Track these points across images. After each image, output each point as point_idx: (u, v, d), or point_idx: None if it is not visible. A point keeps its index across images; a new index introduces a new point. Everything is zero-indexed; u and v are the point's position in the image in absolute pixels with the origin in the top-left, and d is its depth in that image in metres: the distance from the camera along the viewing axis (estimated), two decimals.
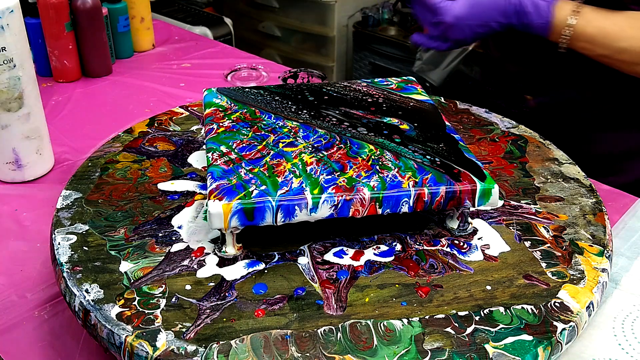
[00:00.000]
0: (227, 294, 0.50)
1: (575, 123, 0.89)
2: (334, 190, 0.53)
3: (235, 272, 0.53)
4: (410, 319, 0.48)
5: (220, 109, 0.67)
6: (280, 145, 0.60)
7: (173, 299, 0.49)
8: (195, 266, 0.53)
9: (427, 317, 0.48)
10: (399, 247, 0.56)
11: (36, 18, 1.02)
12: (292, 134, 0.62)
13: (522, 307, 0.49)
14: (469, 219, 0.58)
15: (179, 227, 0.58)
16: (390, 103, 0.69)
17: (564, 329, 0.47)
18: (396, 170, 0.56)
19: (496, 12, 0.79)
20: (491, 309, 0.49)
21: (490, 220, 0.59)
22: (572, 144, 0.77)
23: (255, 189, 0.53)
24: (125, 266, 0.53)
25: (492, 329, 0.47)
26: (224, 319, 0.48)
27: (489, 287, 0.51)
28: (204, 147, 0.70)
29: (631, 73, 0.79)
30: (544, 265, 0.54)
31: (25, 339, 0.56)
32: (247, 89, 0.72)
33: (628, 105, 0.86)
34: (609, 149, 0.88)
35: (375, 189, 0.53)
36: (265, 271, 0.53)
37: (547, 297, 0.50)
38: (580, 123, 0.89)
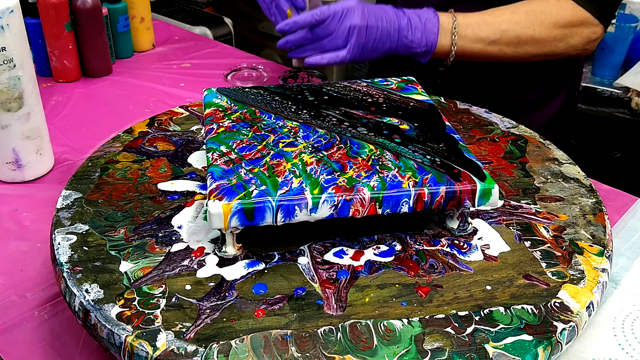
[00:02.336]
0: (227, 294, 0.50)
1: (483, 86, 0.98)
2: (334, 190, 0.53)
3: (235, 272, 0.53)
4: (410, 319, 0.48)
5: (220, 109, 0.67)
6: (280, 145, 0.60)
7: (173, 299, 0.49)
8: (195, 266, 0.53)
9: (427, 317, 0.48)
10: (399, 247, 0.56)
11: (36, 18, 1.02)
12: (292, 134, 0.62)
13: (522, 307, 0.49)
14: (469, 219, 0.58)
15: (179, 227, 0.58)
16: (390, 103, 0.69)
17: (564, 329, 0.47)
18: (396, 170, 0.56)
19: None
20: (491, 309, 0.49)
21: (490, 220, 0.59)
22: (481, 103, 0.84)
23: (255, 189, 0.53)
24: (125, 266, 0.53)
25: (492, 329, 0.47)
26: (224, 319, 0.48)
27: (489, 287, 0.51)
28: (204, 147, 0.70)
29: (514, 59, 0.88)
30: (544, 265, 0.54)
31: (25, 339, 0.56)
32: (247, 89, 0.72)
33: (525, 70, 0.97)
34: (513, 104, 0.98)
35: (375, 189, 0.53)
36: (265, 271, 0.53)
37: (547, 297, 0.50)
38: (487, 85, 0.99)
